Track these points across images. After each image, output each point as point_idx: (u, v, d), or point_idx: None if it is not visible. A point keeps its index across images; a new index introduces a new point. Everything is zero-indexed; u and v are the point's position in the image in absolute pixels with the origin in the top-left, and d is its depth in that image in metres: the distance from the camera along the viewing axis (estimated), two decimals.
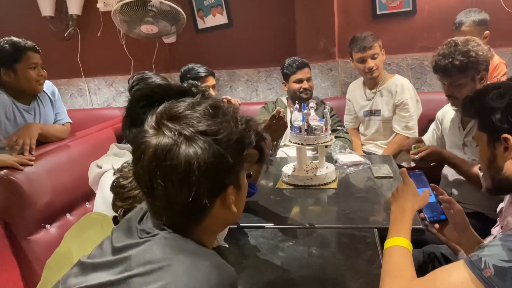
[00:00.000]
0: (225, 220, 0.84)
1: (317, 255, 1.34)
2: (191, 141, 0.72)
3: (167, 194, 0.73)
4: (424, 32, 3.16)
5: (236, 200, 0.81)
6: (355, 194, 1.83)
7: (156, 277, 0.68)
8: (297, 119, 1.96)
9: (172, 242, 0.75)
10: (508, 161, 1.02)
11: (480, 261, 0.84)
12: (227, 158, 0.74)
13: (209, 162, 0.72)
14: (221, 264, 0.74)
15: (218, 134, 0.74)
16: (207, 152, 0.72)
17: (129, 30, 2.99)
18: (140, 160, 0.75)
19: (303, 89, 2.74)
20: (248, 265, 1.30)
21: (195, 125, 0.74)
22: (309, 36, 3.30)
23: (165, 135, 0.74)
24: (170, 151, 0.72)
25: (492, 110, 1.03)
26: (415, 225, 1.47)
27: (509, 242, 0.83)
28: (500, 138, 1.02)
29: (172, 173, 0.72)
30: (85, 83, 3.95)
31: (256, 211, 1.71)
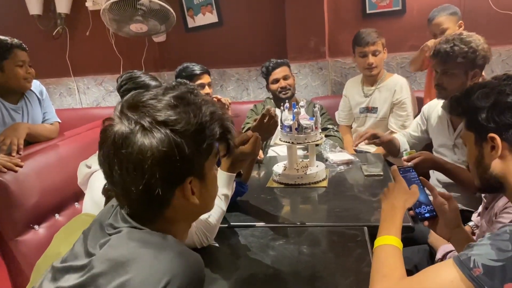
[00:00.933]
0: (190, 212, 0.84)
1: (308, 253, 1.34)
2: (147, 130, 0.73)
3: (123, 182, 0.75)
4: (413, 31, 3.18)
5: (201, 192, 0.82)
6: (345, 193, 1.84)
7: (120, 273, 0.69)
8: (287, 118, 1.96)
9: (135, 236, 0.76)
10: (495, 160, 1.02)
11: (469, 260, 0.84)
12: (183, 149, 0.74)
13: (163, 152, 0.72)
14: (185, 252, 0.74)
15: (175, 124, 0.74)
16: (161, 142, 0.72)
17: (119, 29, 2.97)
18: (101, 147, 0.78)
19: (280, 88, 2.77)
20: (239, 264, 1.30)
21: (154, 114, 0.75)
22: (299, 35, 3.30)
23: (123, 124, 0.75)
24: (126, 139, 0.73)
25: (478, 109, 1.03)
26: (404, 222, 1.50)
27: (498, 242, 0.84)
28: (486, 138, 1.02)
29: (127, 161, 0.73)
30: (74, 82, 3.92)
31: (247, 210, 1.71)
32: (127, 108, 0.77)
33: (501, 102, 1.00)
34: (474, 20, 2.87)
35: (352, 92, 2.88)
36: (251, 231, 1.51)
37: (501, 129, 1.00)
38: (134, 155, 0.72)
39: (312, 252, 1.35)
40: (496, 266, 0.81)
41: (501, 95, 1.00)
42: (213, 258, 1.34)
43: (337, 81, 3.42)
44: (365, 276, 1.17)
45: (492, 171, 1.03)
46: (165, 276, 0.68)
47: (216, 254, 1.37)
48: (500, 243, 0.83)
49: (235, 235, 1.48)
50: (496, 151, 1.01)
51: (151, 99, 0.78)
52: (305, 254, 1.33)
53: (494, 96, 1.01)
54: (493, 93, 1.02)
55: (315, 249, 1.37)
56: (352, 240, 1.39)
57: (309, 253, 1.34)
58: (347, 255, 1.30)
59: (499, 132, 1.00)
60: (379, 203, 1.22)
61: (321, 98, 3.26)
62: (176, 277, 0.68)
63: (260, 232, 1.49)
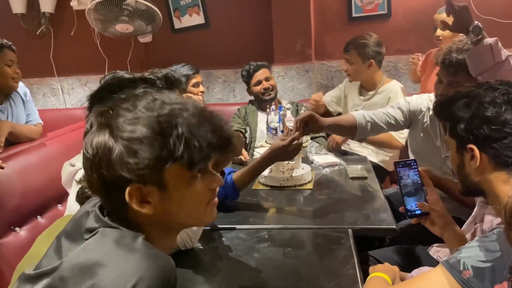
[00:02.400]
0: (158, 220, 0.79)
1: (292, 255, 1.34)
2: (98, 131, 0.75)
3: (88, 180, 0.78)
4: (399, 35, 3.21)
5: (164, 203, 0.77)
6: (330, 195, 1.85)
7: (88, 276, 0.68)
8: (273, 120, 1.96)
9: (107, 237, 0.74)
10: (475, 169, 1.03)
11: (458, 263, 0.85)
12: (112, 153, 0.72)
13: (99, 153, 0.73)
14: (154, 254, 0.72)
15: (123, 130, 0.73)
16: (100, 143, 0.73)
17: (104, 29, 2.95)
18: None
19: (264, 89, 2.78)
20: (223, 266, 1.30)
21: (113, 120, 0.75)
22: (285, 38, 3.31)
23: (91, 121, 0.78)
24: (88, 139, 0.76)
25: (458, 119, 1.04)
26: (388, 225, 1.51)
27: (486, 243, 0.85)
28: (466, 147, 1.03)
29: (86, 161, 0.76)
30: (58, 82, 3.87)
31: (232, 212, 1.71)
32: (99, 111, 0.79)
33: (479, 115, 1.00)
34: None
35: (351, 92, 2.86)
36: (236, 233, 1.51)
37: (480, 141, 1.01)
38: (89, 154, 0.75)
39: (297, 255, 1.35)
40: (485, 267, 0.82)
41: (481, 107, 1.01)
42: (197, 261, 1.34)
43: (323, 84, 3.43)
44: (349, 278, 1.18)
45: (473, 179, 1.05)
46: (132, 279, 0.66)
47: (200, 256, 1.36)
48: (488, 244, 0.84)
49: (220, 237, 1.48)
50: (475, 162, 1.02)
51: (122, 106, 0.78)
52: (290, 257, 1.33)
53: (474, 107, 1.02)
54: (474, 104, 1.02)
55: (300, 252, 1.38)
56: (337, 243, 1.39)
57: (294, 256, 1.34)
58: (332, 257, 1.31)
59: (478, 144, 1.01)
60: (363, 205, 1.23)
61: (307, 100, 3.26)
62: (143, 280, 0.67)
63: (245, 235, 1.49)
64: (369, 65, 2.62)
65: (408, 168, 1.33)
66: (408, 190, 1.32)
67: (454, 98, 1.07)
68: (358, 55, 2.62)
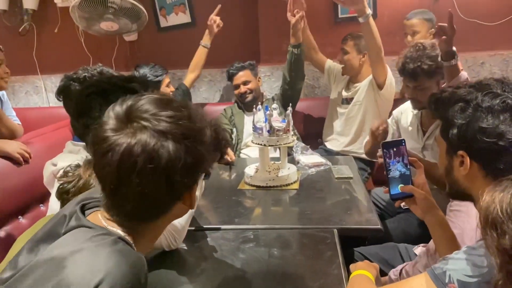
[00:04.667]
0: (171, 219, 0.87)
1: (278, 256, 1.34)
2: (168, 140, 0.73)
3: (142, 192, 0.73)
4: (384, 36, 3.20)
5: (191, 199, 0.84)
6: (316, 195, 1.85)
7: (57, 272, 0.68)
8: (259, 120, 1.96)
9: (79, 236, 0.75)
10: (463, 175, 1.00)
11: (444, 275, 0.84)
12: (205, 157, 0.78)
13: (189, 162, 0.75)
14: (124, 251, 0.73)
15: (197, 136, 0.77)
16: (189, 152, 0.75)
17: (88, 27, 2.91)
18: (106, 157, 0.73)
19: (240, 93, 2.84)
20: (208, 267, 1.29)
21: (169, 125, 0.74)
22: (272, 38, 3.31)
23: (133, 133, 0.72)
24: (152, 150, 0.72)
25: (452, 123, 0.99)
26: (373, 225, 1.52)
27: (474, 257, 0.83)
28: (457, 152, 1.00)
29: (150, 171, 0.72)
30: (41, 80, 3.80)
31: (217, 213, 1.70)
32: (134, 117, 0.74)
33: (474, 124, 0.95)
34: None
35: (339, 82, 2.92)
36: (222, 233, 1.50)
37: (471, 150, 0.97)
38: (162, 163, 0.72)
39: (283, 255, 1.35)
40: (471, 282, 0.81)
41: (477, 114, 0.95)
42: (181, 261, 1.32)
43: (309, 84, 3.43)
44: (334, 278, 1.18)
45: (460, 184, 1.03)
46: (99, 274, 0.66)
47: (185, 257, 1.35)
48: (475, 259, 0.83)
49: (205, 237, 1.47)
50: (464, 169, 0.99)
51: (154, 105, 0.77)
52: (275, 257, 1.33)
53: (470, 113, 0.96)
54: (470, 109, 0.96)
55: (286, 252, 1.37)
56: (322, 243, 1.39)
57: (280, 256, 1.34)
58: (317, 257, 1.31)
59: (469, 152, 0.97)
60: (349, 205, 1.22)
61: None
62: (111, 275, 0.67)
63: (230, 235, 1.48)
64: (362, 57, 2.72)
65: (396, 149, 1.28)
66: (394, 172, 1.28)
67: (451, 99, 1.01)
68: (354, 46, 2.71)
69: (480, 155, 0.96)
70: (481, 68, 3.17)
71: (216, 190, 1.97)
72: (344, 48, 2.74)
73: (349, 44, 2.73)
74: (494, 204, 0.75)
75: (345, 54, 2.74)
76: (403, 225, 1.94)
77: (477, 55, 3.16)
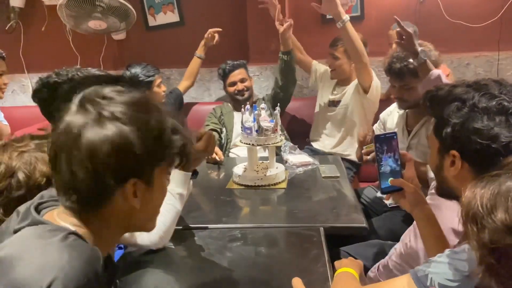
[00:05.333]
0: (127, 216, 0.80)
1: (265, 254, 1.35)
2: (103, 122, 0.72)
3: (69, 171, 0.73)
4: (371, 37, 3.24)
5: (145, 198, 0.79)
6: (303, 194, 1.87)
7: (4, 272, 0.66)
8: (248, 120, 1.97)
9: (29, 233, 0.74)
10: (453, 175, 1.00)
11: (426, 278, 0.85)
12: (134, 148, 0.73)
13: (114, 145, 0.72)
14: (76, 245, 0.71)
15: (134, 122, 0.74)
16: (115, 135, 0.72)
17: (76, 26, 2.89)
18: (53, 135, 0.76)
19: (237, 91, 2.83)
20: (195, 266, 1.30)
21: (114, 108, 0.74)
22: (260, 38, 3.32)
23: (80, 114, 0.74)
24: (82, 128, 0.72)
25: (446, 122, 0.98)
26: (358, 223, 1.54)
27: (456, 261, 0.84)
28: (449, 152, 0.99)
29: (78, 150, 0.72)
30: (28, 79, 3.77)
31: (205, 211, 1.71)
32: (89, 99, 0.76)
33: (469, 124, 0.94)
34: (427, 28, 2.98)
35: (326, 85, 2.93)
36: (209, 232, 1.51)
37: (463, 150, 0.96)
38: (88, 144, 0.71)
39: (269, 253, 1.36)
40: (452, 287, 0.82)
41: (472, 114, 0.94)
42: (168, 260, 1.33)
43: (298, 84, 3.44)
44: (320, 276, 1.20)
45: (450, 183, 1.02)
46: (50, 273, 0.65)
47: (171, 255, 1.36)
48: (457, 263, 0.84)
49: (192, 236, 1.48)
50: (455, 169, 0.98)
51: (115, 92, 0.77)
52: (262, 255, 1.34)
53: (465, 112, 0.95)
54: (466, 109, 0.95)
55: (272, 250, 1.39)
56: (308, 241, 1.41)
57: (266, 254, 1.35)
58: (303, 255, 1.32)
59: (461, 152, 0.96)
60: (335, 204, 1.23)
61: None
62: (63, 273, 0.65)
63: (217, 234, 1.49)
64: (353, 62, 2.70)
65: (389, 142, 1.28)
66: (385, 167, 1.28)
67: (447, 98, 1.00)
68: (344, 52, 2.68)
69: (472, 156, 0.95)
70: (466, 69, 3.22)
71: (204, 189, 1.98)
72: (334, 54, 2.71)
73: (339, 50, 2.69)
74: (475, 199, 0.76)
75: (335, 59, 2.72)
76: (388, 223, 1.97)
77: (462, 56, 3.21)
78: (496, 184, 0.76)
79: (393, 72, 1.93)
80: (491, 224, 0.72)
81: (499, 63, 3.17)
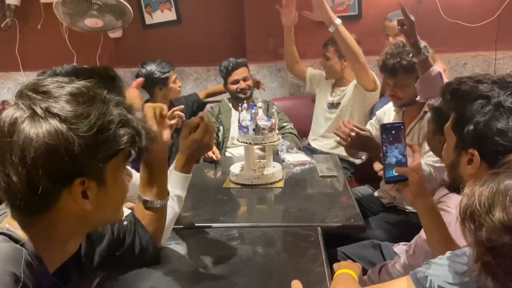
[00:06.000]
0: (81, 218, 0.75)
1: (262, 254, 1.34)
2: (37, 119, 0.67)
3: (5, 173, 0.67)
4: (369, 36, 3.26)
5: (99, 197, 0.74)
6: (300, 193, 1.86)
7: None
8: (245, 119, 1.96)
9: None
10: (469, 174, 0.97)
11: (425, 280, 0.84)
12: (72, 147, 0.67)
13: (49, 145, 0.66)
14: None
15: (69, 118, 0.68)
16: (49, 134, 0.66)
17: (72, 23, 2.88)
18: None
19: (240, 89, 2.80)
20: (192, 265, 1.29)
21: (49, 103, 0.68)
22: (258, 36, 3.32)
23: (15, 109, 0.68)
24: (13, 126, 0.67)
25: (468, 119, 0.94)
26: (356, 223, 1.54)
27: (457, 264, 0.83)
28: (467, 150, 0.96)
29: (11, 150, 0.66)
30: (24, 77, 3.74)
31: (202, 211, 1.70)
32: (24, 93, 0.70)
33: (492, 124, 0.91)
34: (425, 28, 2.98)
35: (323, 89, 2.95)
36: (206, 231, 1.50)
37: (483, 149, 0.93)
38: (18, 144, 0.66)
39: (267, 253, 1.35)
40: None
41: (496, 114, 0.91)
42: (166, 259, 1.32)
43: (295, 83, 3.45)
44: (317, 276, 1.19)
45: (464, 181, 0.98)
46: None
47: (169, 255, 1.34)
48: (458, 266, 0.83)
49: (190, 236, 1.47)
50: (472, 168, 0.95)
51: (53, 84, 0.71)
52: (260, 255, 1.34)
53: (490, 113, 0.92)
54: (490, 109, 0.92)
55: (270, 250, 1.38)
56: (306, 241, 1.40)
57: (264, 254, 1.35)
58: (301, 255, 1.32)
59: (481, 151, 0.93)
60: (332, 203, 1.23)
61: (279, 99, 3.29)
62: None
63: (215, 233, 1.49)
64: (344, 61, 2.74)
65: (395, 133, 1.25)
66: (391, 158, 1.26)
67: (470, 94, 0.96)
68: (335, 51, 2.72)
69: (492, 157, 0.91)
70: (463, 68, 3.23)
71: (201, 188, 1.97)
72: (325, 54, 2.77)
73: (330, 50, 2.75)
74: (473, 197, 0.75)
75: (327, 60, 2.78)
76: (385, 223, 1.97)
77: (459, 55, 3.21)
78: (495, 182, 0.75)
79: (386, 69, 1.91)
80: (489, 222, 0.72)
81: (496, 63, 3.18)
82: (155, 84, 2.70)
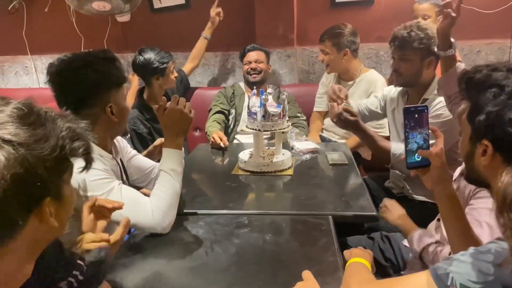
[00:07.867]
0: (41, 238, 0.72)
1: (272, 242, 1.32)
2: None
3: None
4: (380, 22, 3.20)
5: (59, 212, 0.72)
6: (310, 181, 1.84)
7: None
8: (254, 105, 1.93)
9: None
10: (484, 165, 0.93)
11: (447, 277, 0.80)
12: (37, 170, 0.64)
13: (15, 174, 0.61)
14: None
15: (27, 142, 0.64)
16: (10, 162, 0.61)
17: (80, 6, 2.83)
18: None
19: (250, 69, 2.82)
20: (202, 251, 1.27)
21: (4, 132, 0.63)
22: (268, 22, 3.26)
23: None
24: None
25: (480, 108, 0.91)
26: (368, 211, 1.51)
27: (481, 262, 0.79)
28: (481, 141, 0.92)
29: None
30: (31, 60, 3.73)
31: (211, 197, 1.69)
32: None
33: (505, 114, 0.87)
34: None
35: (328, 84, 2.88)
36: (216, 218, 1.48)
37: (496, 140, 0.89)
38: None
39: (277, 241, 1.33)
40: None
41: (509, 103, 0.87)
42: (175, 246, 1.31)
43: (304, 70, 3.41)
44: (329, 265, 1.17)
45: (480, 173, 0.96)
46: None
47: (178, 241, 1.33)
48: (482, 264, 0.78)
49: (199, 222, 1.45)
50: (486, 159, 0.92)
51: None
52: (270, 243, 1.32)
53: (502, 102, 0.88)
54: (503, 98, 0.88)
55: (280, 238, 1.36)
56: (317, 229, 1.38)
57: (274, 242, 1.33)
58: (312, 244, 1.30)
59: (494, 142, 0.90)
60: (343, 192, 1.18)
61: (288, 86, 3.24)
62: None
63: (224, 220, 1.47)
64: (344, 54, 2.66)
65: (418, 117, 1.21)
66: (412, 145, 1.22)
67: (484, 83, 0.92)
68: (333, 45, 2.66)
69: (505, 148, 0.88)
70: (477, 56, 3.16)
71: (209, 175, 1.95)
72: (323, 49, 2.70)
73: (327, 45, 2.67)
74: None
75: (325, 55, 2.70)
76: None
77: (473, 43, 3.14)
78: None
79: (396, 39, 1.91)
80: None
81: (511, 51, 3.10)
82: (153, 73, 2.59)
